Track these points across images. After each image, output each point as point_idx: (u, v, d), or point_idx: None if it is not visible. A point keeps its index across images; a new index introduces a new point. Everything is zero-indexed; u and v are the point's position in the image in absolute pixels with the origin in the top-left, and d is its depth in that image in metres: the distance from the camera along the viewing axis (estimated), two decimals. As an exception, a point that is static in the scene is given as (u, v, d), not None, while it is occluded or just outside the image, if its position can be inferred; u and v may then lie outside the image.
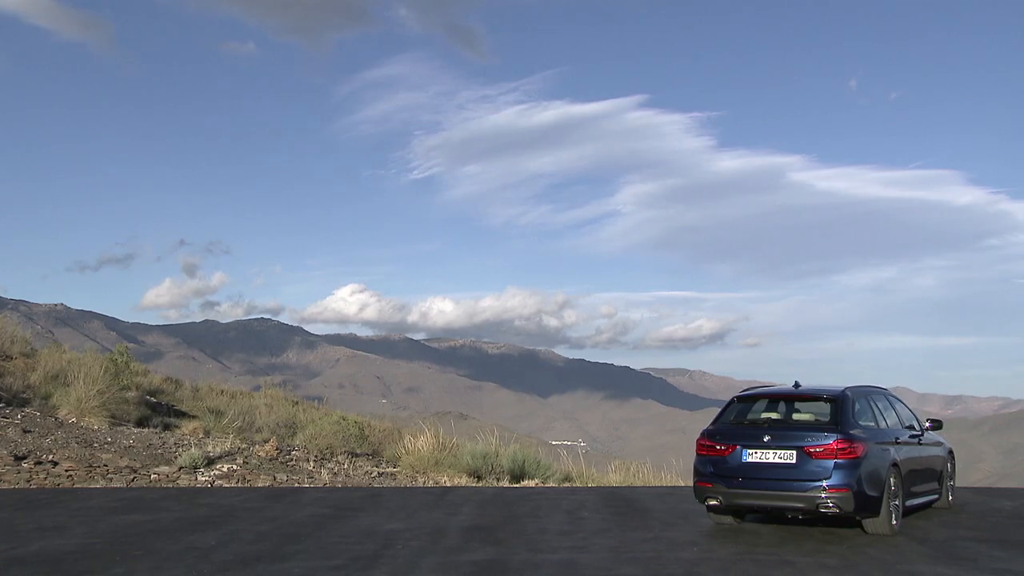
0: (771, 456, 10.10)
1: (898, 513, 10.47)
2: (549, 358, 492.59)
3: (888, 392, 12.06)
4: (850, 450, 9.83)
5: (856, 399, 10.68)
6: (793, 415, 10.84)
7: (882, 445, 10.47)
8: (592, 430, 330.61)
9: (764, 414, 10.93)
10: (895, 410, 11.75)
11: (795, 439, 10.09)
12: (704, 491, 10.43)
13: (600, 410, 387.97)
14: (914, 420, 12.15)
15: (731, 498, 10.27)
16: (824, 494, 9.74)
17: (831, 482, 9.74)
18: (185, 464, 15.94)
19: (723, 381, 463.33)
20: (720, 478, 10.29)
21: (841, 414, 10.23)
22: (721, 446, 10.42)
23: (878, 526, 10.15)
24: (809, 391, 10.88)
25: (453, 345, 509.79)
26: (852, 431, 10.06)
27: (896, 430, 11.24)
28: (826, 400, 10.53)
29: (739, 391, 11.58)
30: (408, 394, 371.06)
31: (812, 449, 9.91)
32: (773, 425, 10.51)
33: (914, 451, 11.45)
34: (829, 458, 9.82)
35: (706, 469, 10.46)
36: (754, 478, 10.13)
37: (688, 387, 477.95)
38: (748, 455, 10.21)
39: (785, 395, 11.05)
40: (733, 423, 10.77)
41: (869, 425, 10.60)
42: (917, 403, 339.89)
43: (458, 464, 18.84)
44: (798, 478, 9.92)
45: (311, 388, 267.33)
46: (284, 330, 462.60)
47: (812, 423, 10.42)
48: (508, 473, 18.77)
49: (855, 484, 9.75)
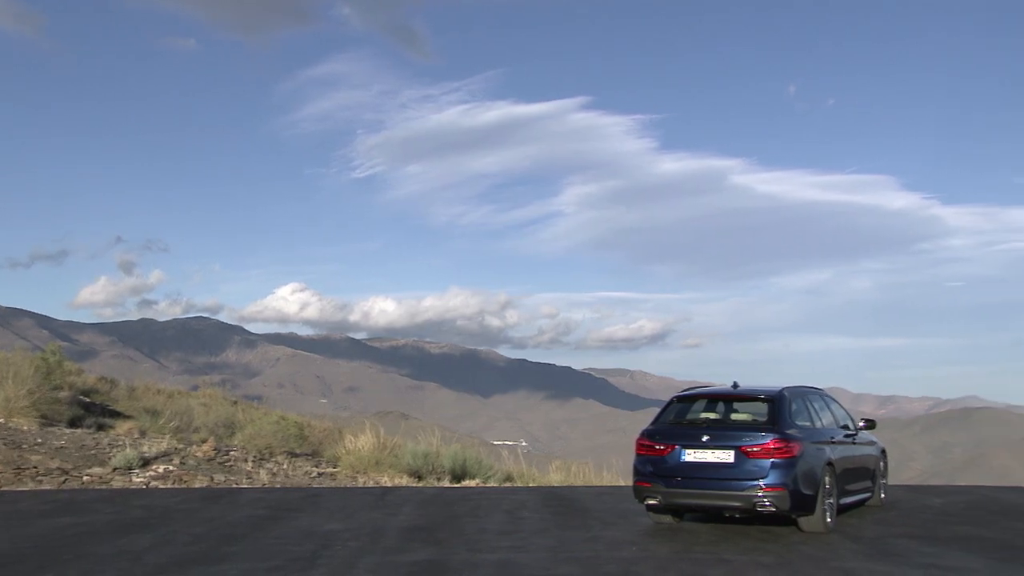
0: (709, 456, 10.20)
1: (832, 511, 10.65)
2: (491, 358, 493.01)
3: (823, 392, 12.27)
4: (786, 449, 9.98)
5: (793, 399, 10.85)
6: (731, 415, 10.97)
7: (817, 444, 10.65)
8: (533, 430, 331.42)
9: (703, 414, 11.05)
10: (830, 410, 11.95)
11: (733, 439, 10.22)
12: (643, 491, 10.51)
13: (542, 410, 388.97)
14: (848, 420, 12.38)
15: (670, 497, 10.36)
16: (761, 493, 9.87)
17: (768, 481, 9.88)
18: (119, 465, 15.62)
19: (664, 381, 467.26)
20: (659, 478, 10.38)
21: (778, 414, 10.39)
22: (660, 446, 10.50)
23: (813, 524, 10.31)
24: (747, 391, 11.03)
25: (395, 345, 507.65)
26: (788, 431, 10.21)
27: (831, 430, 11.44)
28: (763, 400, 10.68)
29: (679, 391, 11.68)
30: (349, 394, 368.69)
31: (749, 449, 10.04)
32: (712, 425, 10.63)
33: (848, 450, 11.67)
34: (766, 457, 9.96)
35: (645, 469, 10.54)
36: (693, 477, 10.23)
37: (629, 387, 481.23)
38: (687, 455, 10.31)
39: (723, 395, 11.18)
40: (672, 423, 10.86)
41: (805, 425, 10.77)
42: (852, 403, 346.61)
43: (399, 464, 18.74)
44: (736, 477, 10.04)
45: (250, 388, 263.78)
46: (223, 329, 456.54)
47: (750, 423, 10.56)
48: (449, 473, 18.71)
49: (791, 483, 9.90)
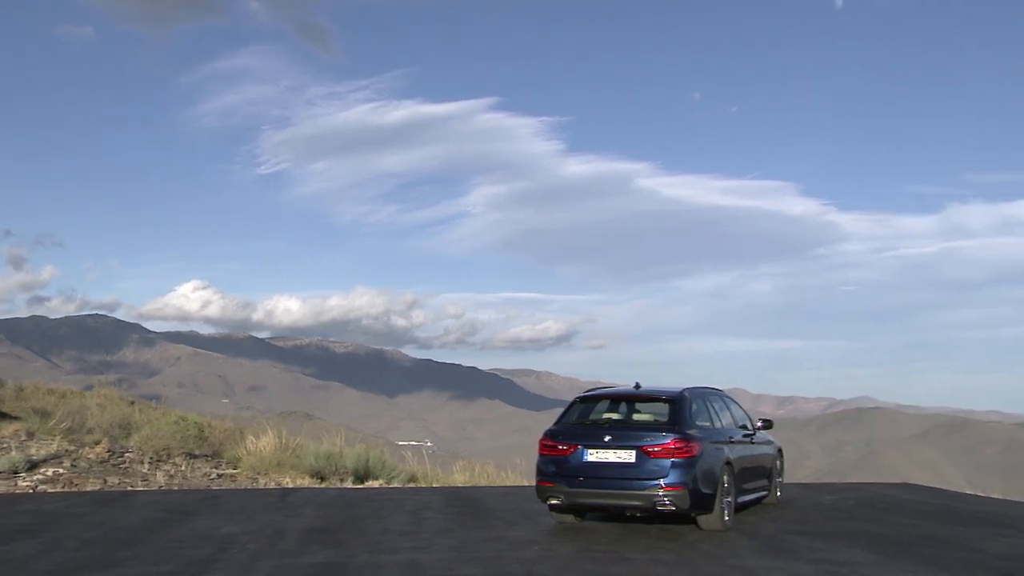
0: (611, 456, 10.31)
1: (730, 509, 10.87)
2: (397, 358, 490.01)
3: (723, 393, 12.52)
4: (686, 449, 10.15)
5: (693, 400, 11.04)
6: (633, 415, 11.12)
7: (717, 444, 10.86)
8: (439, 430, 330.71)
9: (605, 414, 11.16)
10: (730, 410, 12.21)
11: (634, 439, 10.34)
12: (546, 490, 10.57)
13: (447, 410, 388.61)
14: (747, 420, 12.66)
15: (572, 497, 10.44)
16: (661, 492, 10.02)
17: (668, 480, 10.04)
18: (3, 469, 15.00)
19: (568, 382, 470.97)
20: (562, 477, 10.44)
21: (679, 414, 10.55)
22: (563, 446, 10.58)
23: (711, 522, 10.51)
24: (649, 392, 11.18)
25: (299, 344, 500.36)
26: (689, 431, 10.39)
27: (730, 430, 11.69)
28: (665, 401, 10.84)
29: (582, 392, 11.79)
30: (252, 393, 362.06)
31: (650, 449, 10.18)
32: (614, 425, 10.75)
33: (746, 450, 11.94)
34: (667, 457, 10.11)
35: (548, 469, 10.60)
36: (595, 477, 10.33)
37: (534, 387, 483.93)
38: (589, 455, 10.40)
39: (626, 396, 11.32)
40: (575, 423, 10.95)
41: (705, 425, 10.98)
42: (752, 404, 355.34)
43: (301, 465, 18.46)
44: (637, 477, 10.17)
45: (149, 387, 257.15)
46: (120, 327, 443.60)
47: (651, 423, 10.71)
48: (352, 474, 18.51)
49: (691, 482, 10.07)
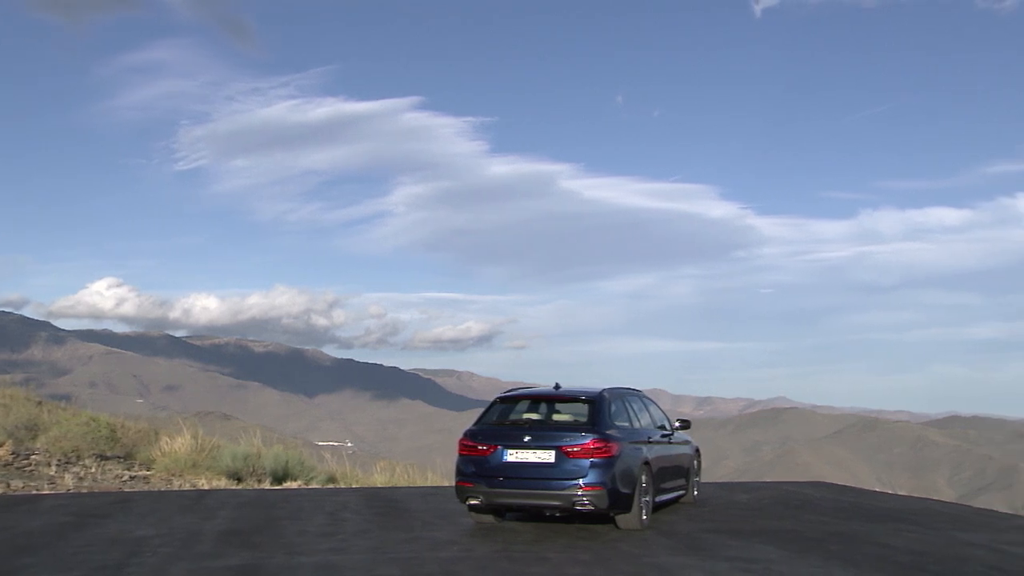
0: (531, 456, 10.35)
1: (648, 508, 11.01)
2: (317, 357, 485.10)
3: (642, 394, 12.67)
4: (605, 449, 10.24)
5: (612, 400, 11.14)
6: (553, 416, 11.17)
7: (635, 444, 10.99)
8: (360, 430, 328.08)
9: (525, 415, 11.20)
10: (648, 411, 12.36)
11: (554, 439, 10.40)
12: (465, 491, 10.56)
13: (368, 410, 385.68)
14: (665, 420, 12.83)
15: (492, 497, 10.45)
16: (580, 492, 10.09)
17: (587, 480, 10.11)
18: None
19: (490, 382, 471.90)
20: (481, 478, 10.46)
21: (598, 415, 10.65)
22: (483, 446, 10.59)
23: (629, 521, 10.63)
24: (568, 392, 11.25)
25: (217, 343, 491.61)
26: (608, 431, 10.48)
27: (648, 430, 11.83)
28: (584, 401, 10.92)
29: (502, 392, 11.82)
30: (167, 393, 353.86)
31: (570, 449, 10.25)
32: (533, 426, 10.79)
33: (664, 450, 12.10)
34: (585, 457, 10.19)
35: (468, 469, 10.60)
36: (514, 477, 10.36)
37: (456, 388, 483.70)
38: (509, 455, 10.43)
39: (546, 396, 11.37)
40: (495, 424, 10.97)
41: (624, 425, 11.09)
42: (672, 404, 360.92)
43: (217, 466, 18.14)
44: (556, 477, 10.23)
45: (59, 387, 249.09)
46: (28, 324, 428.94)
47: (571, 423, 10.78)
48: (270, 475, 18.26)
49: (609, 482, 10.17)
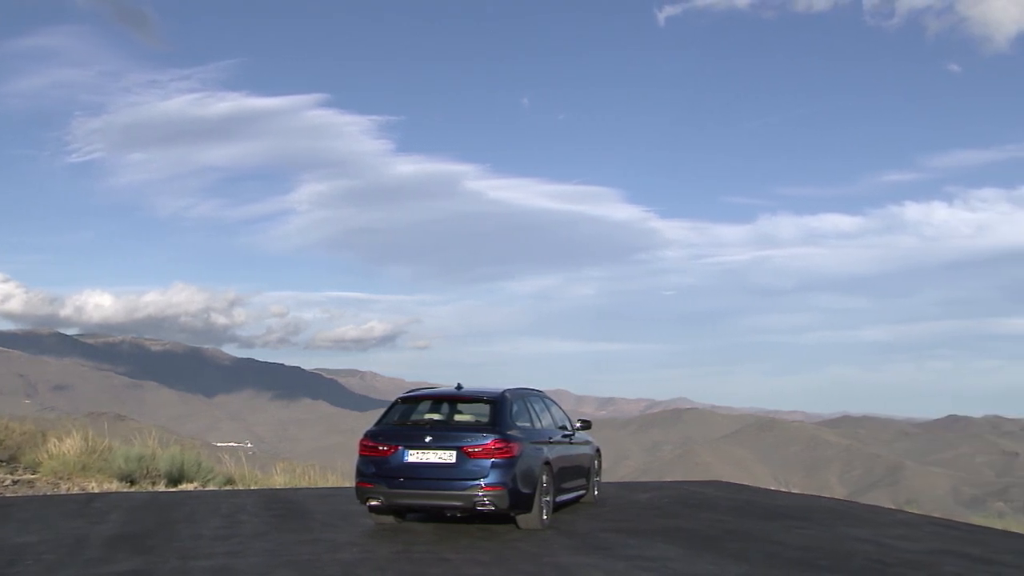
0: (432, 456, 10.32)
1: (549, 508, 11.08)
2: (216, 357, 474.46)
3: (544, 394, 12.75)
4: (506, 450, 10.28)
5: (514, 401, 11.19)
6: (455, 416, 11.16)
7: (536, 444, 11.05)
8: (260, 431, 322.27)
9: (427, 415, 11.17)
10: (550, 411, 12.45)
11: (455, 439, 10.39)
12: (365, 491, 10.47)
13: (269, 411, 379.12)
14: (566, 421, 12.94)
15: (392, 498, 10.39)
16: (481, 492, 10.11)
17: (488, 481, 10.13)
18: None
19: (393, 382, 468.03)
20: (382, 478, 10.38)
21: (499, 415, 10.68)
22: (383, 447, 10.51)
23: (530, 521, 10.68)
24: (470, 393, 11.25)
25: (111, 341, 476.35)
26: (509, 432, 10.52)
27: (550, 430, 11.91)
28: (486, 402, 10.94)
29: (404, 392, 11.76)
30: (57, 393, 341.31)
31: (471, 449, 10.25)
32: (435, 426, 10.77)
33: (566, 450, 12.19)
34: (487, 458, 10.21)
35: (368, 470, 10.51)
36: (415, 478, 10.32)
37: (359, 388, 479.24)
38: (410, 455, 10.38)
39: (447, 396, 11.35)
40: (396, 424, 10.91)
41: (525, 426, 11.14)
42: (575, 404, 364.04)
43: (109, 468, 17.55)
44: (457, 477, 10.22)
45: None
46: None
47: (472, 424, 10.79)
48: (165, 477, 17.77)
49: (510, 482, 10.20)
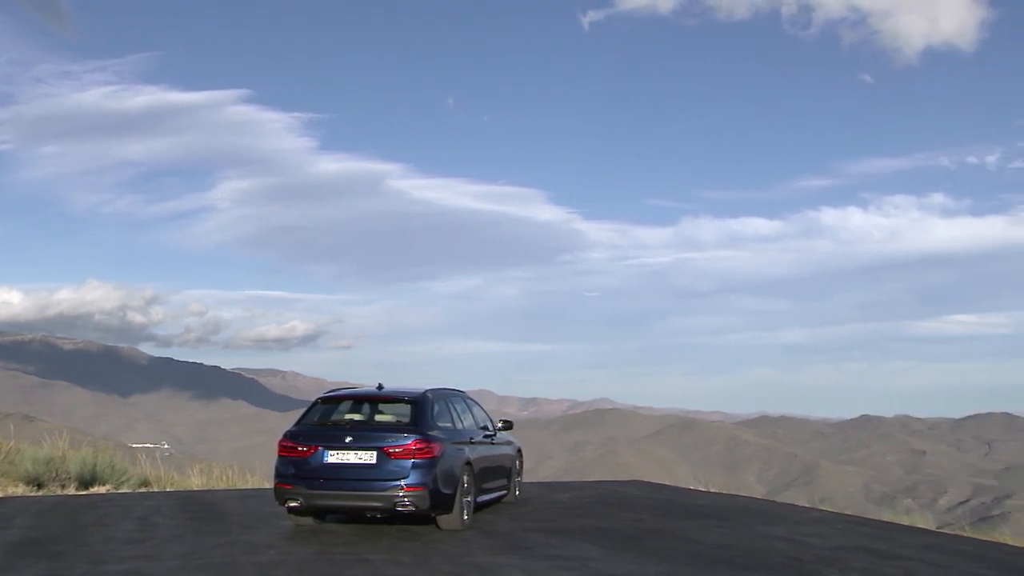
0: (352, 457, 10.25)
1: (470, 509, 11.08)
2: (133, 356, 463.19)
3: (465, 394, 12.74)
4: (427, 450, 10.25)
5: (435, 401, 11.17)
6: (375, 416, 11.09)
7: (458, 445, 11.04)
8: (177, 432, 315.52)
9: (347, 415, 11.08)
10: (471, 411, 12.45)
11: (376, 440, 10.34)
12: (284, 493, 10.35)
13: (187, 411, 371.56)
14: (488, 421, 12.96)
15: (311, 499, 10.28)
16: (401, 493, 10.07)
17: (408, 481, 10.10)
18: None
19: (315, 382, 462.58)
20: (301, 479, 10.27)
21: (420, 415, 10.64)
22: (303, 447, 10.40)
23: (451, 522, 10.66)
24: (391, 393, 11.19)
25: (19, 340, 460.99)
26: (430, 432, 10.49)
27: (471, 430, 11.91)
28: (407, 402, 10.89)
29: (325, 392, 11.66)
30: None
31: (391, 449, 10.20)
32: (355, 426, 10.70)
33: (487, 450, 12.21)
34: (407, 458, 10.17)
35: (287, 471, 10.39)
36: (335, 479, 10.23)
37: (280, 388, 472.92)
38: (329, 456, 10.28)
39: (368, 397, 11.28)
40: (316, 424, 10.82)
41: (446, 426, 11.12)
42: (497, 405, 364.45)
43: (15, 471, 16.99)
44: (377, 478, 10.16)
45: None
46: None
47: (393, 424, 10.74)
48: (76, 479, 17.28)
49: (431, 483, 10.18)
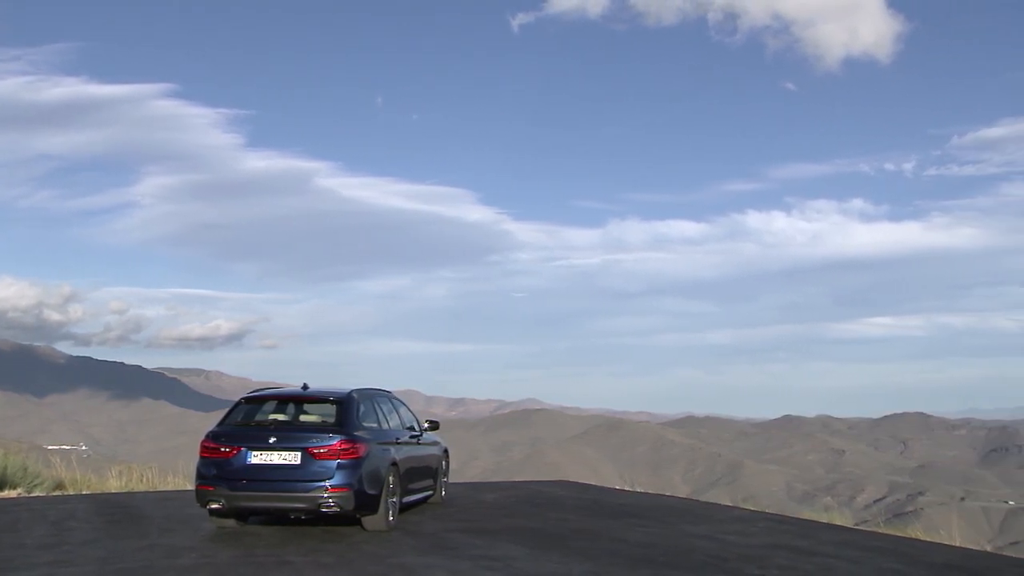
0: (276, 458, 10.14)
1: (395, 509, 11.04)
2: (49, 355, 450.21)
3: (392, 395, 12.70)
4: (352, 451, 10.19)
5: (361, 401, 11.11)
6: (300, 417, 10.99)
7: (383, 445, 11.00)
8: (96, 433, 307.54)
9: (271, 415, 10.96)
10: (398, 412, 12.42)
11: (300, 440, 10.25)
12: (206, 494, 10.19)
13: (106, 411, 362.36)
14: (414, 421, 12.93)
15: (234, 500, 10.15)
16: (326, 494, 9.99)
17: (333, 482, 10.03)
18: None
19: (240, 382, 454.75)
20: (223, 480, 10.13)
21: (346, 416, 10.58)
22: (225, 448, 10.26)
23: (376, 523, 10.61)
24: (316, 393, 11.10)
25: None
26: (356, 432, 10.43)
27: (397, 431, 11.88)
28: (332, 402, 10.82)
29: (249, 392, 11.53)
30: None
31: (316, 450, 10.12)
32: (279, 427, 10.59)
33: (413, 450, 12.18)
34: (332, 459, 10.10)
35: (209, 472, 10.24)
36: (259, 480, 10.11)
37: (204, 388, 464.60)
38: (253, 457, 10.16)
39: (293, 397, 11.17)
40: (240, 424, 10.69)
41: (372, 426, 11.07)
42: (425, 405, 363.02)
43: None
44: (302, 479, 10.07)
45: None
46: None
47: (318, 424, 10.65)
48: (-15, 483, 16.77)
49: (356, 483, 10.12)
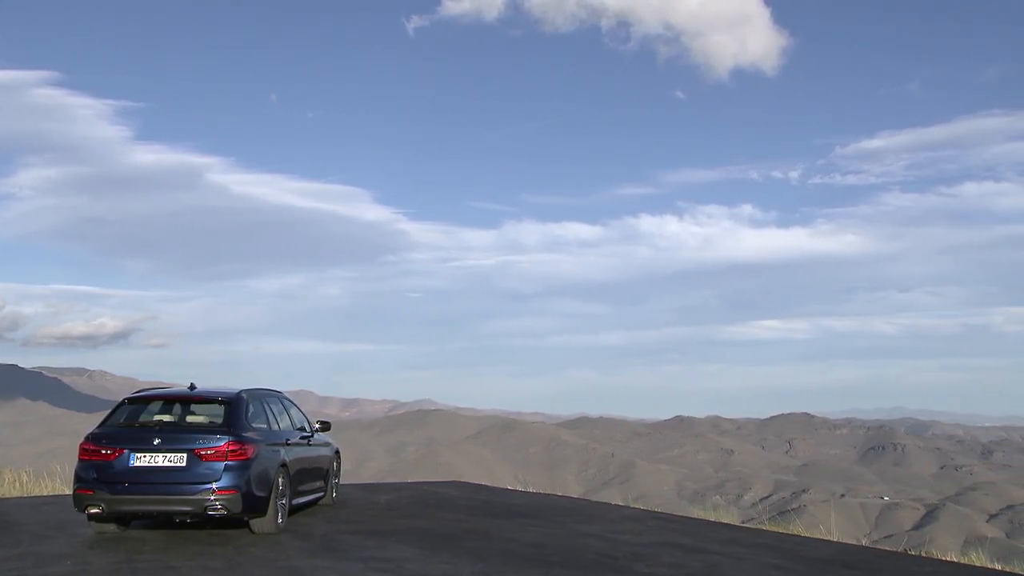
0: (160, 459, 9.85)
1: (285, 512, 10.86)
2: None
3: (282, 395, 12.49)
4: (241, 452, 9.98)
5: (250, 402, 10.89)
6: (187, 418, 10.70)
7: (273, 446, 10.80)
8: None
9: (156, 416, 10.64)
10: (288, 412, 12.21)
11: (187, 442, 9.98)
12: (84, 498, 9.83)
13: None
14: (305, 422, 12.75)
15: (115, 505, 9.81)
16: (213, 496, 9.77)
17: (220, 484, 9.80)
18: None
19: (126, 382, 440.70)
20: (104, 484, 9.78)
21: (234, 416, 10.35)
22: (107, 450, 9.92)
23: (264, 525, 10.42)
24: (204, 393, 10.83)
25: None
26: (244, 433, 10.22)
27: (288, 432, 11.68)
28: (220, 403, 10.57)
29: (133, 392, 11.19)
30: None
31: (203, 451, 9.88)
32: (165, 428, 10.30)
33: (303, 452, 12.00)
34: (220, 460, 9.87)
35: (88, 475, 9.87)
36: (142, 483, 9.81)
37: (87, 388, 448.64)
38: (136, 459, 9.85)
39: (180, 397, 10.87)
40: (122, 426, 10.35)
41: (262, 427, 10.87)
42: (318, 405, 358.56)
43: None
44: (188, 481, 9.82)
45: None
46: None
47: (205, 425, 10.38)
48: None
49: (244, 485, 9.92)
